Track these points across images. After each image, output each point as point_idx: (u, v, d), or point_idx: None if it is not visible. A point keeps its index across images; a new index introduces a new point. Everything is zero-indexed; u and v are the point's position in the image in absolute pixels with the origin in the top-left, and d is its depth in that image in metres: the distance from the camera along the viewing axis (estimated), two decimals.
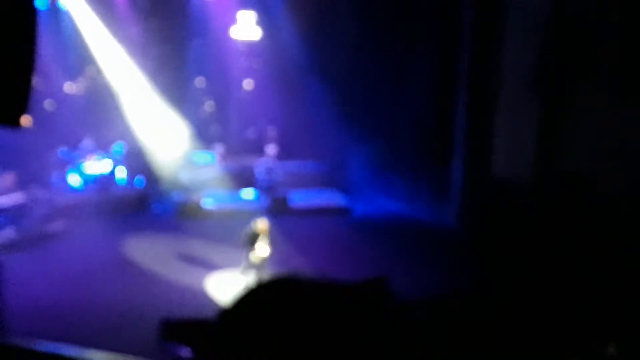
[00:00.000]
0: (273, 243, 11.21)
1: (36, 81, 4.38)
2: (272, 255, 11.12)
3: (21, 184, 14.92)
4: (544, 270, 12.47)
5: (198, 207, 16.26)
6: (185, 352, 9.54)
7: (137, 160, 17.70)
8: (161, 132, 17.96)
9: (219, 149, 18.98)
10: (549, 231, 13.43)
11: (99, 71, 18.06)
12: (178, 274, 12.05)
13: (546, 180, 14.19)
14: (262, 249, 10.84)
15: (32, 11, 4.31)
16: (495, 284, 12.18)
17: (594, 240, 12.56)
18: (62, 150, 16.65)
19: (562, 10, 13.89)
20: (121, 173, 17.22)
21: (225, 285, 11.52)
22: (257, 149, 19.28)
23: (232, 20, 18.91)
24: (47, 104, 16.99)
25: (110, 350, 8.81)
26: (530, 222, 13.90)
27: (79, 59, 18.04)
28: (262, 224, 10.97)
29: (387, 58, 18.18)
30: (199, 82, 19.79)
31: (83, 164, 16.46)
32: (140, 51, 18.47)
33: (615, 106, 12.68)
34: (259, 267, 10.84)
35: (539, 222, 13.74)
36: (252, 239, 10.85)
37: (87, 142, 16.94)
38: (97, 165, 16.51)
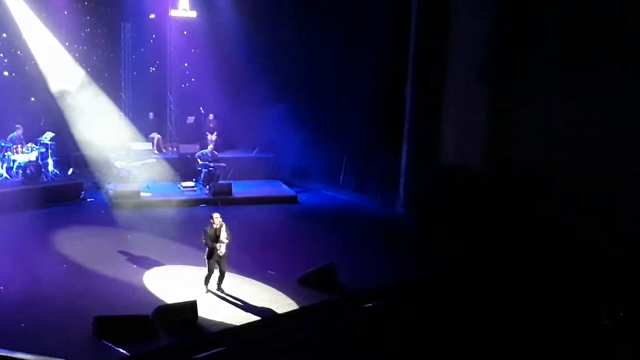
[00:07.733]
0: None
1: None
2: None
3: None
4: (492, 254, 12.63)
5: (135, 198, 15.64)
6: (121, 349, 9.04)
7: (68, 150, 17.01)
8: (96, 120, 17.23)
9: (157, 137, 18.37)
10: (497, 216, 13.60)
11: (29, 57, 17.23)
12: (113, 268, 11.47)
13: (493, 166, 14.40)
14: (224, 243, 10.39)
15: None
16: (441, 270, 12.23)
17: (542, 224, 12.78)
18: None
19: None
20: (51, 163, 16.45)
21: (164, 280, 11.06)
22: (197, 138, 18.74)
23: (170, 3, 18.29)
24: None
25: (42, 349, 8.30)
26: (478, 207, 14.05)
27: (6, 44, 17.16)
28: (218, 218, 10.51)
29: (335, 46, 18.03)
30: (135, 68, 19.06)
31: (11, 153, 15.64)
32: (72, 36, 17.75)
33: (562, 95, 12.93)
34: (221, 261, 10.40)
35: (487, 207, 13.89)
36: (214, 235, 10.39)
37: (16, 132, 16.10)
38: (26, 155, 15.73)
